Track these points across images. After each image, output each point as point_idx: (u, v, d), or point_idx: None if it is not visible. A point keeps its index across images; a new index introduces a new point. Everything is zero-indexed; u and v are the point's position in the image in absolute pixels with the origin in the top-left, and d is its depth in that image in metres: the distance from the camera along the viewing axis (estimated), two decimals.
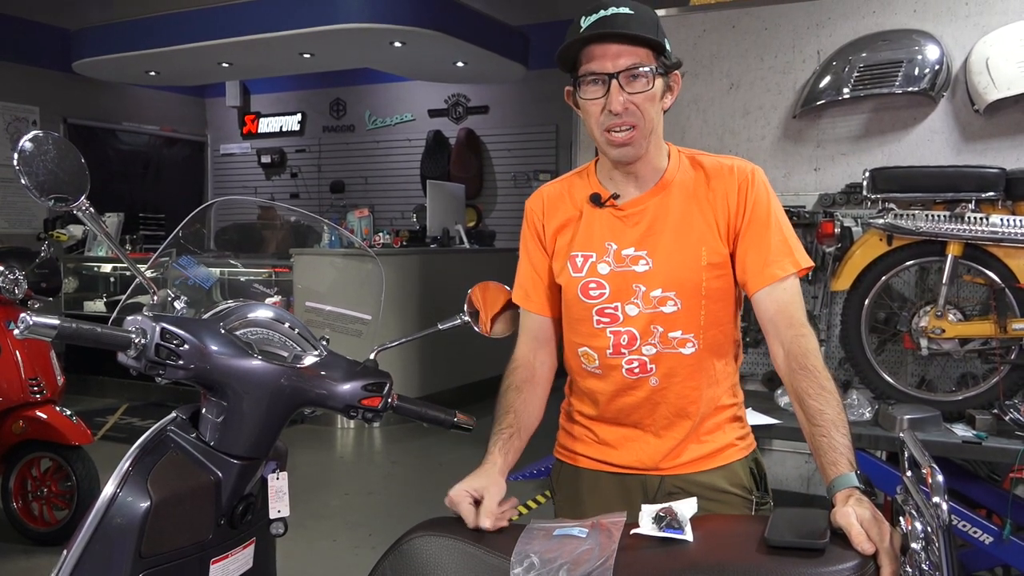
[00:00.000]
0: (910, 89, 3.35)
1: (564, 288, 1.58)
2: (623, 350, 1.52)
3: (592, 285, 1.53)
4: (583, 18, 1.44)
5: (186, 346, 1.18)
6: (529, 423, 1.56)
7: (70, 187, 1.18)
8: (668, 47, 1.47)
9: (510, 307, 1.64)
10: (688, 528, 1.17)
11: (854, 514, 1.10)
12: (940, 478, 1.02)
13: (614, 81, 1.42)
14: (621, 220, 1.53)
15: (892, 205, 2.98)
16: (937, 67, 3.33)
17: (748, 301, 1.56)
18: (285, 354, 1.29)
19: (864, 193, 3.04)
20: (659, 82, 1.45)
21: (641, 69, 1.42)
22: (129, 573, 1.12)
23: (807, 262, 1.50)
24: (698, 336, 1.51)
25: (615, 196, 1.54)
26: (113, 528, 1.13)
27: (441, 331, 1.52)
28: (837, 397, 1.35)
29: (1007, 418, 2.77)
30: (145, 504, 1.13)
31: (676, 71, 1.49)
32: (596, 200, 1.55)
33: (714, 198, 1.51)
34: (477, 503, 1.31)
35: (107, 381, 6.99)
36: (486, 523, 1.26)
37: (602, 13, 1.43)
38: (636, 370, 1.52)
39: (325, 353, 1.32)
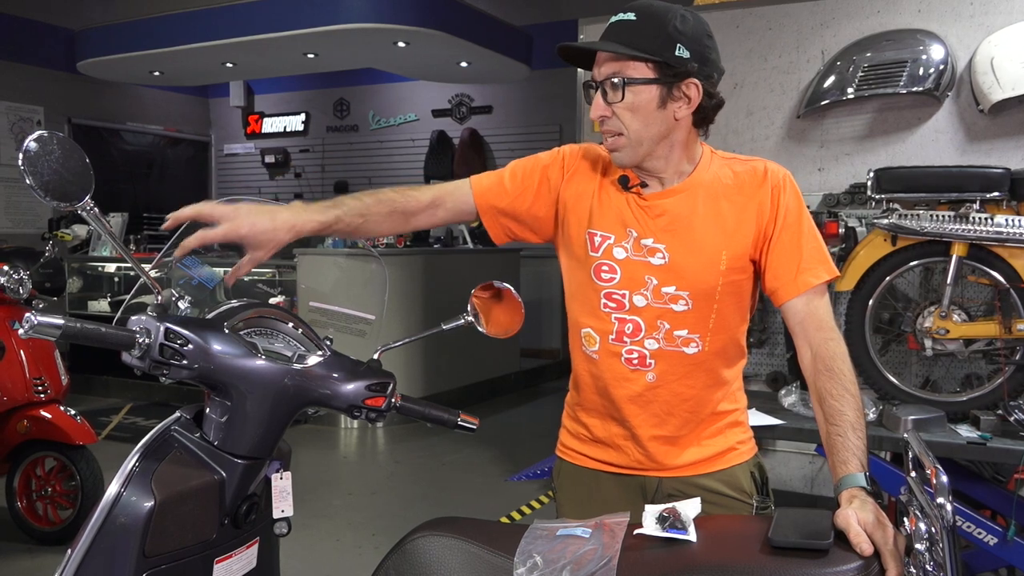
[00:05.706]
0: (914, 89, 3.34)
1: (576, 266, 1.57)
2: (626, 338, 1.51)
3: (604, 268, 1.52)
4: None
5: (190, 346, 1.18)
6: (355, 224, 1.50)
7: (75, 187, 1.18)
8: (680, 53, 1.39)
9: (501, 297, 1.63)
10: (692, 528, 1.17)
11: (854, 516, 1.10)
12: (944, 479, 1.02)
13: (599, 90, 1.43)
14: (644, 209, 1.51)
15: (896, 205, 2.98)
16: (942, 67, 3.32)
17: (760, 305, 1.55)
18: (289, 354, 1.30)
19: (868, 193, 3.03)
20: (648, 93, 1.41)
21: (614, 80, 1.41)
22: (133, 573, 1.12)
23: (837, 271, 1.52)
24: (704, 338, 1.50)
25: (643, 184, 1.52)
26: (117, 528, 1.14)
27: (445, 331, 1.51)
28: (859, 402, 1.35)
29: (1011, 419, 2.77)
30: (149, 504, 1.13)
31: (689, 78, 1.41)
32: (624, 183, 1.52)
33: (745, 202, 1.50)
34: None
35: (111, 381, 7.00)
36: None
37: (612, 20, 1.43)
38: (635, 361, 1.52)
39: (329, 353, 1.32)
